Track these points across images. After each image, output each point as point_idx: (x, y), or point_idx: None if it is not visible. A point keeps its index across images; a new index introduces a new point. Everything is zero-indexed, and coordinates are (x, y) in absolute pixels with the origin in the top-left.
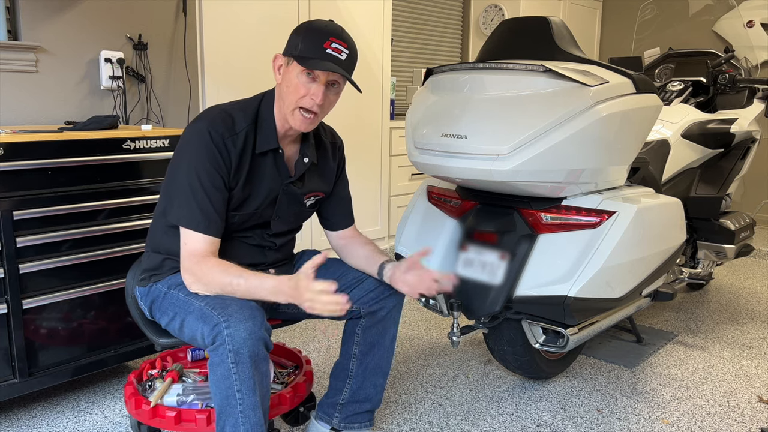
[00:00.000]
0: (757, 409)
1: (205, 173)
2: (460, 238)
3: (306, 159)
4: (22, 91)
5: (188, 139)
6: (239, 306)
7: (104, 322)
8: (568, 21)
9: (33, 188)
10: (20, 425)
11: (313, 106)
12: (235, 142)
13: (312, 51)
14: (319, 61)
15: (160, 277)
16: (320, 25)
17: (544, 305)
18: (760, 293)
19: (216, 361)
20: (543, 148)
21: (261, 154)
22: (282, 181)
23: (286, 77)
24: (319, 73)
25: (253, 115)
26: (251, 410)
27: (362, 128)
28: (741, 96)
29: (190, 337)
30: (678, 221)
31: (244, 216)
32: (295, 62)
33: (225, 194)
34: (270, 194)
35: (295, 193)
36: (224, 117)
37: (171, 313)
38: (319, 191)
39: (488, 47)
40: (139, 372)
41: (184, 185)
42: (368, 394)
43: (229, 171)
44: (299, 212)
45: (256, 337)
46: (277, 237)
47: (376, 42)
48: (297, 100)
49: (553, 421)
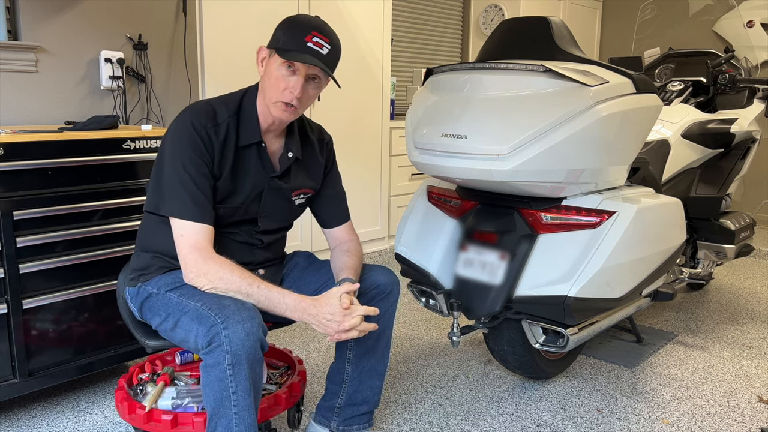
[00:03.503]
0: (757, 409)
1: (190, 162)
2: (460, 238)
3: (290, 154)
4: (22, 91)
5: (172, 132)
6: (236, 307)
7: (104, 322)
8: (568, 21)
9: (33, 188)
10: (20, 425)
11: (292, 99)
12: (217, 132)
13: (293, 44)
14: (298, 53)
15: (149, 277)
16: (304, 19)
17: (544, 305)
18: (760, 293)
19: (211, 363)
20: (543, 148)
21: (244, 147)
22: (267, 176)
23: (267, 69)
24: (299, 65)
25: (236, 108)
26: (246, 411)
27: (362, 128)
28: (741, 96)
29: (182, 339)
30: (678, 221)
31: (228, 210)
32: (276, 54)
33: (211, 182)
34: (255, 189)
35: (281, 188)
36: (207, 109)
37: (163, 314)
38: (306, 188)
39: (488, 47)
40: (128, 376)
41: (173, 177)
42: (365, 396)
43: (213, 159)
44: (287, 209)
45: (253, 339)
46: (264, 234)
47: (376, 42)
48: (277, 94)
49: (553, 421)
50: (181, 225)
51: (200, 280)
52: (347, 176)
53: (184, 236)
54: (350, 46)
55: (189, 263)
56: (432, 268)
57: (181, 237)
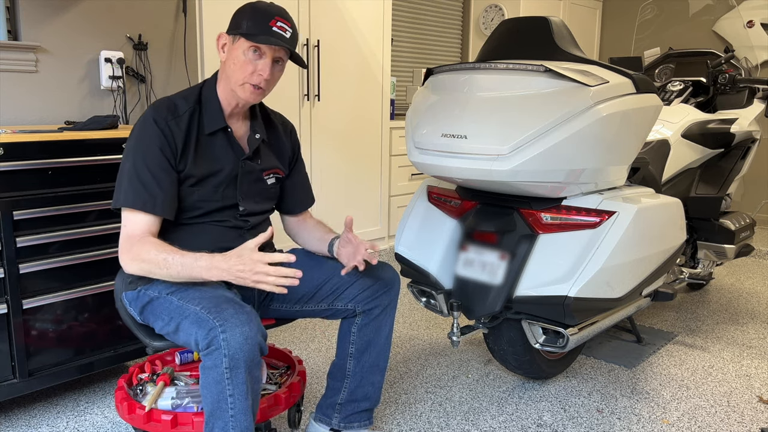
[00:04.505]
0: (757, 409)
1: (150, 155)
2: (460, 238)
3: (257, 135)
4: (22, 91)
5: (135, 130)
6: (235, 310)
7: (104, 322)
8: (568, 21)
9: (33, 188)
10: (20, 425)
11: (260, 81)
12: (179, 124)
13: (258, 28)
14: (268, 37)
15: (148, 281)
16: (265, 6)
17: (544, 305)
18: (760, 293)
19: (209, 365)
20: (543, 148)
21: (211, 134)
22: (238, 159)
23: (231, 54)
24: (265, 49)
25: (196, 98)
26: (242, 414)
27: (362, 128)
28: (741, 96)
29: (185, 341)
30: (678, 221)
31: (204, 193)
32: (243, 39)
33: (173, 175)
34: (230, 173)
35: (255, 169)
36: (167, 104)
37: (165, 318)
38: (277, 168)
39: (488, 47)
40: (128, 376)
41: (130, 170)
42: (366, 392)
43: (175, 152)
44: (262, 190)
45: (252, 342)
46: (249, 216)
47: (376, 42)
48: (245, 77)
49: (553, 421)
50: (126, 216)
51: (131, 265)
52: (347, 176)
53: (126, 227)
54: (350, 46)
55: (121, 250)
56: (432, 268)
57: (124, 228)
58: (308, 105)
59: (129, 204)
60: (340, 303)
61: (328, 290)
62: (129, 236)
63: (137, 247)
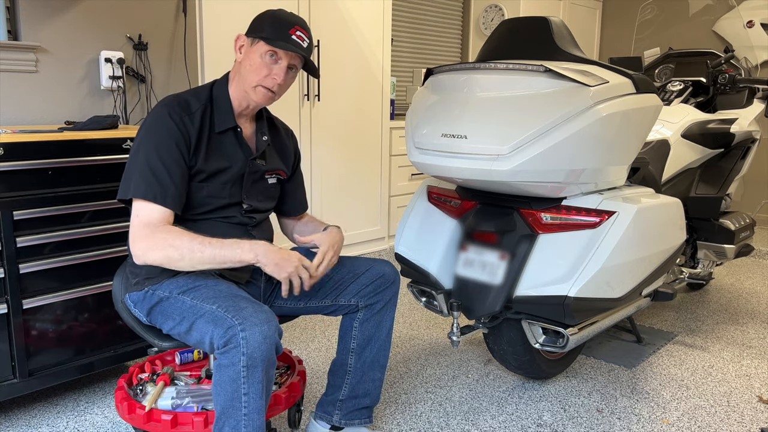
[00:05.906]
0: (757, 409)
1: (164, 148)
2: (460, 238)
3: (265, 137)
4: (22, 91)
5: (148, 123)
6: (254, 309)
7: (104, 322)
8: (568, 21)
9: (33, 188)
10: (20, 425)
11: (274, 85)
12: (192, 120)
13: (278, 34)
14: (286, 43)
15: (158, 281)
16: (287, 15)
17: (544, 305)
18: (760, 293)
19: (225, 363)
20: (543, 148)
21: (221, 133)
22: (246, 159)
23: (248, 56)
24: (282, 54)
25: (207, 97)
26: (256, 414)
27: (362, 128)
28: (741, 96)
29: (198, 341)
30: (678, 221)
31: (212, 189)
32: (262, 42)
33: (185, 170)
34: (238, 171)
35: (260, 169)
36: (179, 100)
37: (177, 318)
38: (280, 169)
39: (488, 47)
40: (128, 376)
41: (143, 162)
42: (367, 388)
43: (189, 147)
44: (265, 189)
45: (270, 342)
46: (253, 213)
47: (376, 42)
48: (260, 79)
49: (553, 421)
50: (139, 206)
51: (151, 254)
52: (347, 176)
53: (140, 216)
54: (350, 46)
55: (137, 238)
56: (432, 268)
57: (136, 217)
58: (308, 105)
59: (140, 195)
60: (343, 299)
61: (332, 286)
62: (146, 224)
63: (162, 233)
